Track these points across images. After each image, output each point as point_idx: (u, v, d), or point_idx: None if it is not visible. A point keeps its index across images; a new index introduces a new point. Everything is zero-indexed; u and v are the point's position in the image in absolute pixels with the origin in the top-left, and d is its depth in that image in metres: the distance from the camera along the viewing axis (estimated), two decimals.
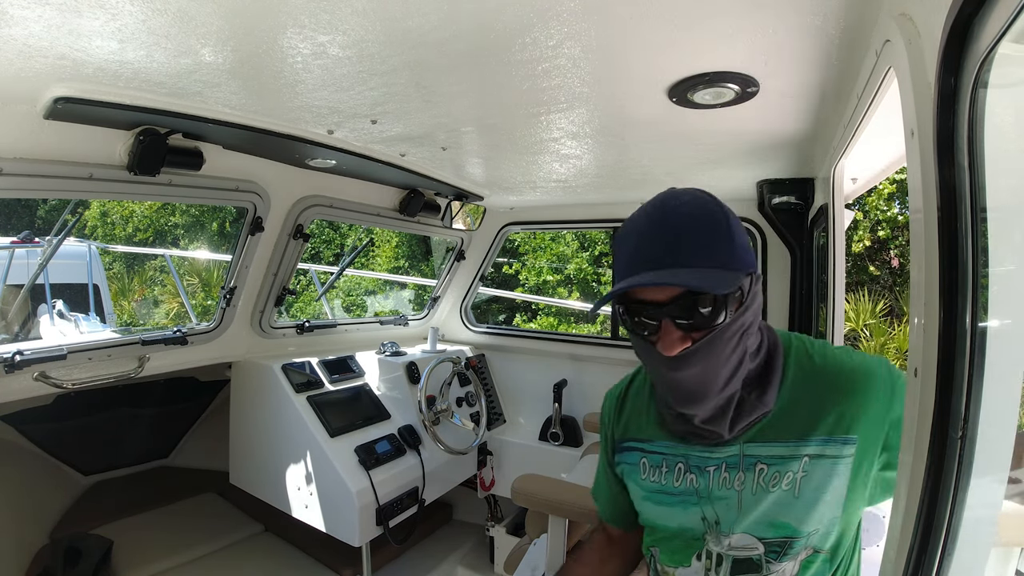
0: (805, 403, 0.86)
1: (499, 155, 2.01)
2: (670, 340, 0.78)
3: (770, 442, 0.86)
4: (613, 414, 1.06)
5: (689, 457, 0.92)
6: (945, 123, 0.58)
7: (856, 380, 0.85)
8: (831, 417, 0.84)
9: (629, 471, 1.00)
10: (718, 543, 0.89)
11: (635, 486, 0.99)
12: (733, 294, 0.78)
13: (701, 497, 0.90)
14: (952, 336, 0.56)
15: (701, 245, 0.78)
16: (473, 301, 3.65)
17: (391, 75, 1.25)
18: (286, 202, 2.18)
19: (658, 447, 0.96)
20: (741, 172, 2.23)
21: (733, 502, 0.88)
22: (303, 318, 2.78)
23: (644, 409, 1.01)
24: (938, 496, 0.56)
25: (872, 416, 0.84)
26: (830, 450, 0.83)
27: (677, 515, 0.92)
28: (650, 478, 0.96)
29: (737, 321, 0.79)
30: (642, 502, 0.98)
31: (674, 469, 0.93)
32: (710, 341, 0.78)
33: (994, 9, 0.49)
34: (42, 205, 14.71)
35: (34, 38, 1.01)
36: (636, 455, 0.99)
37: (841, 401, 0.84)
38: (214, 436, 3.11)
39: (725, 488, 0.88)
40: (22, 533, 2.36)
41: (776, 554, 0.86)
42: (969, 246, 0.56)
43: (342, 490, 2.05)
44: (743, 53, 1.11)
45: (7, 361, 1.69)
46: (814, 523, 0.84)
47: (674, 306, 0.78)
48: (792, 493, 0.84)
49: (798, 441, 0.85)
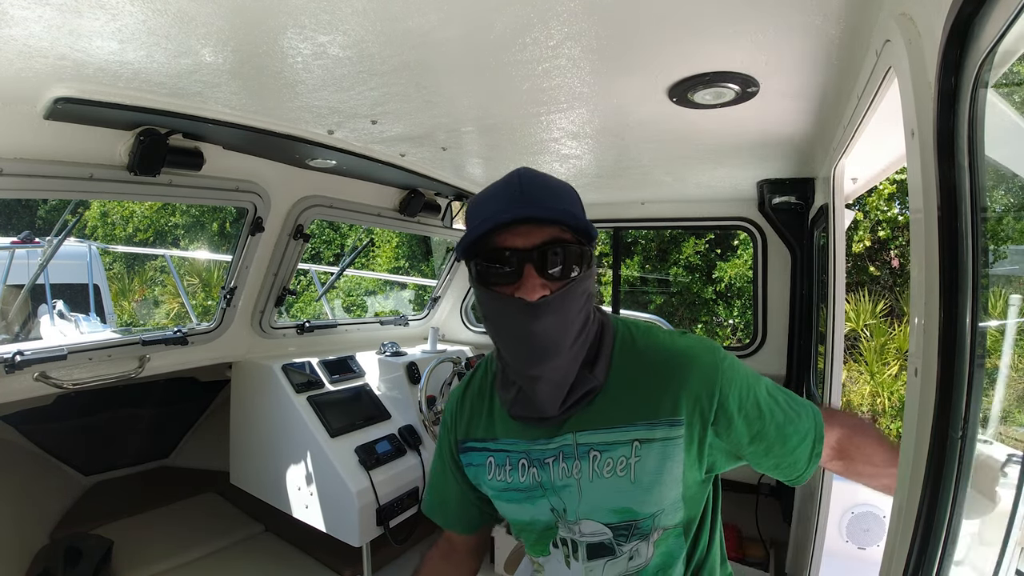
0: (629, 387, 0.90)
1: (499, 155, 2.01)
2: (532, 285, 0.80)
3: (599, 429, 0.89)
4: (455, 415, 1.07)
5: (531, 452, 0.94)
6: (945, 123, 0.58)
7: (678, 364, 0.89)
8: (655, 400, 0.87)
9: (478, 472, 1.01)
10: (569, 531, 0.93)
11: (485, 486, 1.01)
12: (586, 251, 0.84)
13: (546, 489, 0.93)
14: (952, 336, 0.56)
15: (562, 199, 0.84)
16: (473, 301, 3.65)
17: (391, 75, 1.25)
18: (286, 202, 2.18)
19: (502, 445, 0.98)
20: (741, 172, 2.23)
21: (574, 490, 0.91)
22: (303, 318, 2.77)
23: (484, 409, 1.02)
24: (938, 496, 0.56)
25: (695, 397, 0.87)
26: (659, 433, 0.87)
27: (528, 509, 0.96)
28: (496, 477, 0.98)
29: (586, 280, 0.85)
30: (495, 500, 1.01)
31: (517, 466, 0.96)
32: (566, 291, 0.82)
33: (994, 9, 0.49)
34: (42, 205, 14.72)
35: (34, 38, 1.01)
36: (482, 455, 1.00)
37: (664, 384, 0.88)
38: (214, 436, 3.11)
39: (565, 477, 0.91)
40: (22, 533, 2.36)
41: (624, 537, 0.90)
42: (969, 246, 0.56)
43: (342, 490, 2.05)
44: (743, 53, 1.11)
45: (7, 361, 1.69)
46: (654, 505, 0.88)
47: (536, 252, 0.81)
48: (628, 479, 0.87)
49: (626, 426, 0.88)
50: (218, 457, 2.88)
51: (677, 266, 9.09)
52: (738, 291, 8.88)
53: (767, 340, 2.74)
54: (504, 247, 0.82)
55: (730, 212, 2.76)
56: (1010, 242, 3.70)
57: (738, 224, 2.78)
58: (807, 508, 2.04)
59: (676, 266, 9.09)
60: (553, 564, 0.98)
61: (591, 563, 0.92)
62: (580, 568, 0.93)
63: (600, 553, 0.92)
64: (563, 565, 0.96)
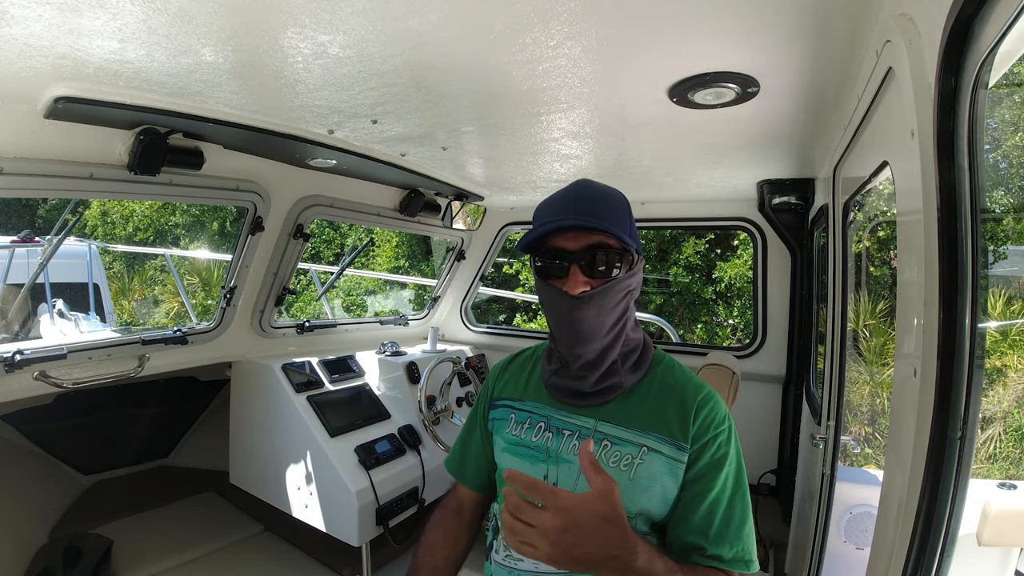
0: (655, 401, 1.02)
1: (499, 155, 2.01)
2: (576, 281, 0.96)
3: (620, 425, 1.01)
4: (496, 377, 1.22)
5: (551, 419, 1.07)
6: (945, 123, 0.58)
7: (700, 401, 1.01)
8: (672, 422, 0.99)
9: (499, 425, 1.14)
10: None
11: (500, 438, 1.13)
12: (628, 255, 0.99)
13: (550, 456, 1.04)
14: (952, 336, 0.56)
15: (613, 211, 0.98)
16: (473, 301, 3.65)
17: (391, 75, 1.25)
18: (286, 202, 2.18)
19: (528, 406, 1.12)
20: (741, 172, 2.23)
21: (575, 469, 1.01)
22: (303, 318, 2.77)
23: (524, 377, 1.17)
24: (938, 496, 0.56)
25: (696, 434, 0.98)
26: (666, 449, 0.98)
27: (526, 467, 1.05)
28: (513, 431, 1.10)
29: (625, 280, 0.99)
30: (501, 453, 1.12)
31: (535, 426, 1.08)
32: (605, 289, 0.97)
33: (994, 10, 0.49)
34: (42, 204, 14.72)
35: (35, 37, 1.01)
36: (507, 411, 1.14)
37: (683, 413, 1.00)
38: (214, 436, 3.11)
39: (572, 454, 1.02)
40: (22, 532, 2.36)
41: None
42: (969, 246, 0.56)
43: (342, 490, 2.05)
44: (743, 53, 1.11)
45: (7, 360, 1.69)
46: (641, 506, 0.97)
47: (582, 254, 0.97)
48: (628, 475, 0.98)
49: (641, 431, 1.00)
50: (218, 457, 2.88)
51: (677, 266, 9.09)
52: (738, 291, 8.88)
53: (767, 340, 2.74)
54: (556, 247, 0.98)
55: (730, 212, 2.76)
56: (1010, 242, 3.71)
57: (738, 224, 2.78)
58: (806, 508, 2.04)
59: (676, 266, 9.10)
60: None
61: None
62: None
63: None
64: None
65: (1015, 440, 6.48)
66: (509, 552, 1.05)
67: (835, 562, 1.97)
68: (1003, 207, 7.66)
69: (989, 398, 6.49)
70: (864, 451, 6.10)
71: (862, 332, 7.14)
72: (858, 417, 7.00)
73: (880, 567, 0.75)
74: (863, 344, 7.10)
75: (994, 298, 6.53)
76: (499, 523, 1.07)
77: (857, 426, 6.91)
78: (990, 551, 1.91)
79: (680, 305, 9.42)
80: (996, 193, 7.53)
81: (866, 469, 3.56)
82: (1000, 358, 6.49)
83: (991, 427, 6.48)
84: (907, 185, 0.75)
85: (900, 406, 0.78)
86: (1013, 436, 6.48)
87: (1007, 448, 6.49)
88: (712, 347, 5.21)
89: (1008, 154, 7.67)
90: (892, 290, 7.61)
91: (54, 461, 2.85)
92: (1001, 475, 6.35)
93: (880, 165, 1.10)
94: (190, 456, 3.35)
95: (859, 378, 7.10)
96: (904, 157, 0.77)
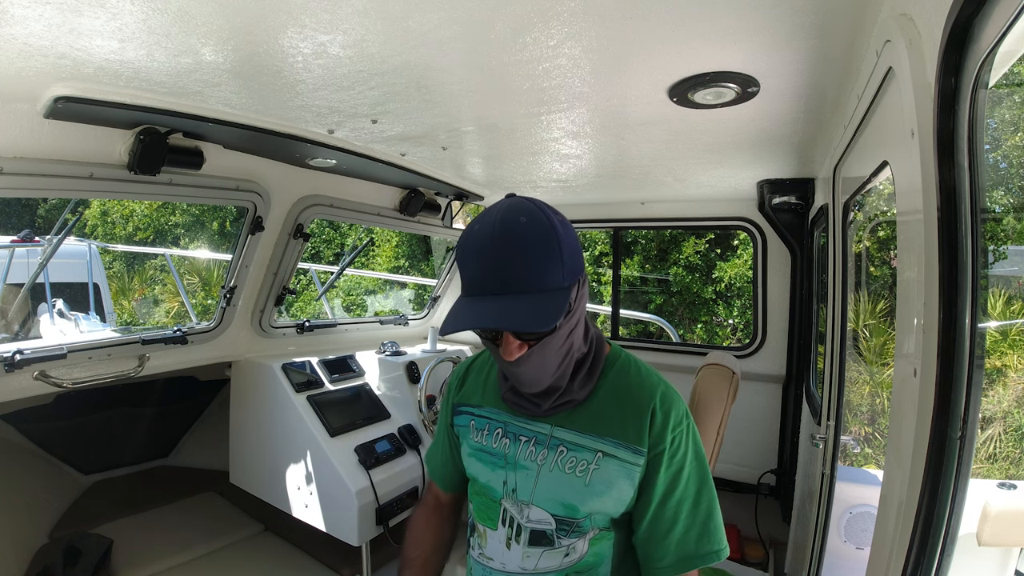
0: (610, 407, 1.02)
1: (499, 155, 2.01)
2: (509, 349, 0.92)
3: (575, 431, 1.02)
4: (456, 384, 1.23)
5: (508, 425, 1.08)
6: (945, 123, 0.58)
7: (656, 404, 1.00)
8: (627, 427, 0.99)
9: (463, 432, 1.16)
10: (519, 512, 1.04)
11: (465, 443, 1.15)
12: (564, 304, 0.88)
13: (508, 463, 1.05)
14: (952, 336, 0.56)
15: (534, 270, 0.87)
16: None
17: (391, 75, 1.25)
18: (286, 201, 2.18)
19: (486, 413, 1.13)
20: (741, 172, 2.23)
21: (532, 474, 1.03)
22: (303, 318, 2.77)
23: (481, 382, 1.18)
24: (937, 496, 0.56)
25: (655, 438, 0.99)
26: (621, 453, 0.98)
27: (487, 473, 1.08)
28: (474, 438, 1.12)
29: (565, 327, 0.93)
30: (468, 458, 1.14)
31: (493, 432, 1.09)
32: (542, 346, 0.92)
33: (994, 10, 0.49)
34: (42, 204, 14.71)
35: (35, 37, 1.01)
36: (468, 418, 1.16)
37: (639, 417, 1.00)
38: (214, 436, 3.11)
39: (529, 460, 1.03)
40: (22, 532, 2.36)
41: (565, 531, 1.01)
42: (969, 246, 0.56)
43: (342, 490, 2.05)
44: (743, 53, 1.11)
45: (7, 360, 1.69)
46: (595, 507, 0.99)
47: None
48: (584, 481, 0.99)
49: (597, 436, 1.00)
50: (218, 456, 2.88)
51: (677, 266, 9.09)
52: (738, 291, 8.87)
53: (767, 340, 2.74)
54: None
55: (730, 212, 2.76)
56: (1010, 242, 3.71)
57: (738, 224, 2.78)
58: (806, 508, 2.04)
59: (676, 266, 9.09)
60: (495, 543, 1.07)
61: (530, 549, 1.02)
62: (519, 552, 1.03)
63: (540, 542, 1.01)
64: (503, 545, 1.05)
65: (1015, 440, 6.48)
66: (482, 550, 1.10)
67: (835, 562, 1.97)
68: (1003, 207, 7.66)
69: (989, 398, 6.49)
70: (864, 451, 6.10)
71: (862, 332, 7.14)
72: (858, 417, 7.00)
73: (880, 567, 0.75)
74: (863, 344, 7.10)
75: (994, 298, 6.54)
76: (473, 522, 1.13)
77: (857, 426, 6.91)
78: (990, 551, 1.91)
79: (680, 305, 9.42)
80: (996, 193, 7.53)
81: (866, 469, 3.56)
82: (1000, 358, 6.49)
83: (991, 427, 6.48)
84: (907, 185, 0.75)
85: (900, 406, 0.78)
86: (1013, 436, 6.48)
87: (1007, 448, 6.49)
88: (712, 347, 5.21)
89: (1008, 154, 7.67)
90: (892, 290, 7.61)
91: (54, 461, 2.86)
92: (1001, 475, 6.35)
93: (880, 165, 1.10)
94: (190, 456, 3.35)
95: (859, 378, 7.09)
96: (904, 157, 0.77)
